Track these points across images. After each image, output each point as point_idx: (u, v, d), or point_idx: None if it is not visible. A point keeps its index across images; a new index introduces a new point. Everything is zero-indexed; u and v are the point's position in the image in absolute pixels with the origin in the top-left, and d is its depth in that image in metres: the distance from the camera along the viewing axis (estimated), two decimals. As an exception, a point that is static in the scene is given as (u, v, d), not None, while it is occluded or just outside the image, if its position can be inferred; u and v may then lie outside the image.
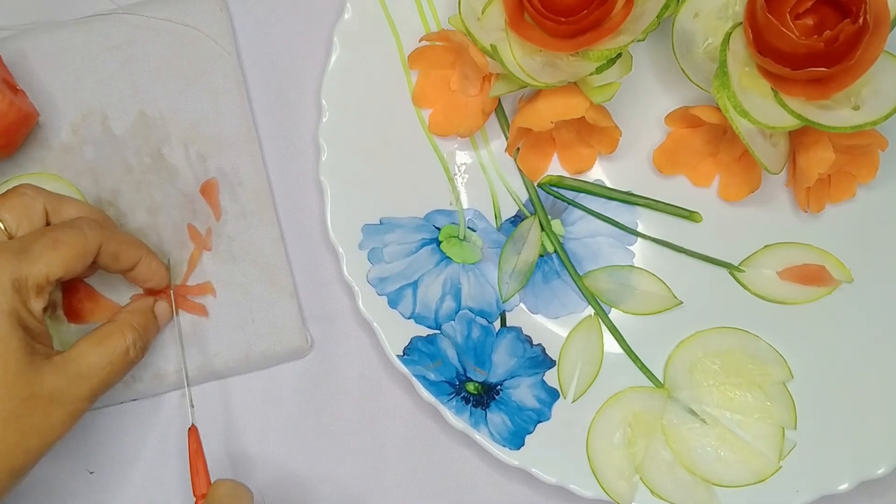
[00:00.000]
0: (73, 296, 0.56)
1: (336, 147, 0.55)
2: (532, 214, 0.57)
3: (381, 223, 0.56)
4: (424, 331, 0.55)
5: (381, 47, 0.56)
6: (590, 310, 0.56)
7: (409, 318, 0.55)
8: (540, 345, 0.56)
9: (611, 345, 0.56)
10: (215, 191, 0.57)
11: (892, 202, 0.56)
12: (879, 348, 0.54)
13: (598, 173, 0.57)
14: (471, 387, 0.54)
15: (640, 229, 0.56)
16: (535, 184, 0.57)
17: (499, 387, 0.55)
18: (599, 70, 0.50)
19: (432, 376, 0.54)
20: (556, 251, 0.56)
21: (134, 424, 0.56)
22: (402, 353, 0.54)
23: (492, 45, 0.50)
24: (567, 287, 0.56)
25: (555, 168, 0.57)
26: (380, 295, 0.55)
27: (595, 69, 0.50)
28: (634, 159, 0.57)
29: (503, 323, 0.56)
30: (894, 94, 0.49)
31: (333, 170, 0.55)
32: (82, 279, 0.56)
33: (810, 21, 0.49)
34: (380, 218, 0.56)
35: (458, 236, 0.56)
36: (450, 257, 0.56)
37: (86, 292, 0.56)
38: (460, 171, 0.57)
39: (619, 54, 0.50)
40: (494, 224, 0.57)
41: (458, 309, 0.55)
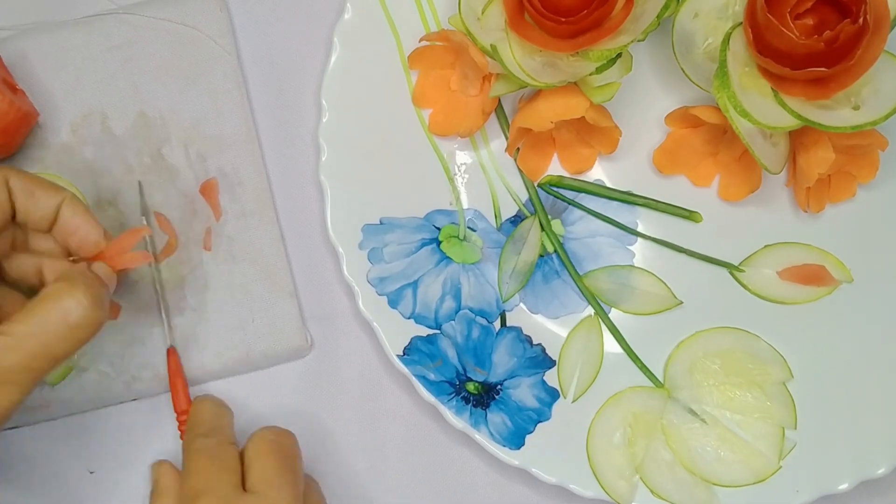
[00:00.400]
0: None
1: (336, 147, 0.55)
2: (532, 214, 0.57)
3: (381, 223, 0.56)
4: (424, 331, 0.55)
5: (381, 47, 0.56)
6: (590, 310, 0.56)
7: (409, 318, 0.55)
8: (540, 345, 0.56)
9: (611, 345, 0.56)
10: (215, 191, 0.57)
11: (892, 202, 0.56)
12: (879, 348, 0.54)
13: (598, 173, 0.57)
14: (471, 387, 0.54)
15: (640, 229, 0.56)
16: (535, 184, 0.57)
17: (499, 387, 0.55)
18: (599, 70, 0.50)
19: (432, 376, 0.54)
20: (556, 251, 0.56)
21: (134, 424, 0.56)
22: (402, 353, 0.54)
23: (492, 45, 0.50)
24: (567, 287, 0.56)
25: (555, 168, 0.57)
26: (380, 295, 0.55)
27: (595, 69, 0.50)
28: (634, 159, 0.57)
29: (503, 323, 0.56)
30: (894, 94, 0.49)
31: (333, 170, 0.55)
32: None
33: (810, 21, 0.49)
34: (380, 218, 0.56)
35: (458, 236, 0.56)
36: (450, 257, 0.56)
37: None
38: (460, 171, 0.57)
39: (619, 54, 0.50)
40: (494, 224, 0.57)
41: (458, 309, 0.55)
